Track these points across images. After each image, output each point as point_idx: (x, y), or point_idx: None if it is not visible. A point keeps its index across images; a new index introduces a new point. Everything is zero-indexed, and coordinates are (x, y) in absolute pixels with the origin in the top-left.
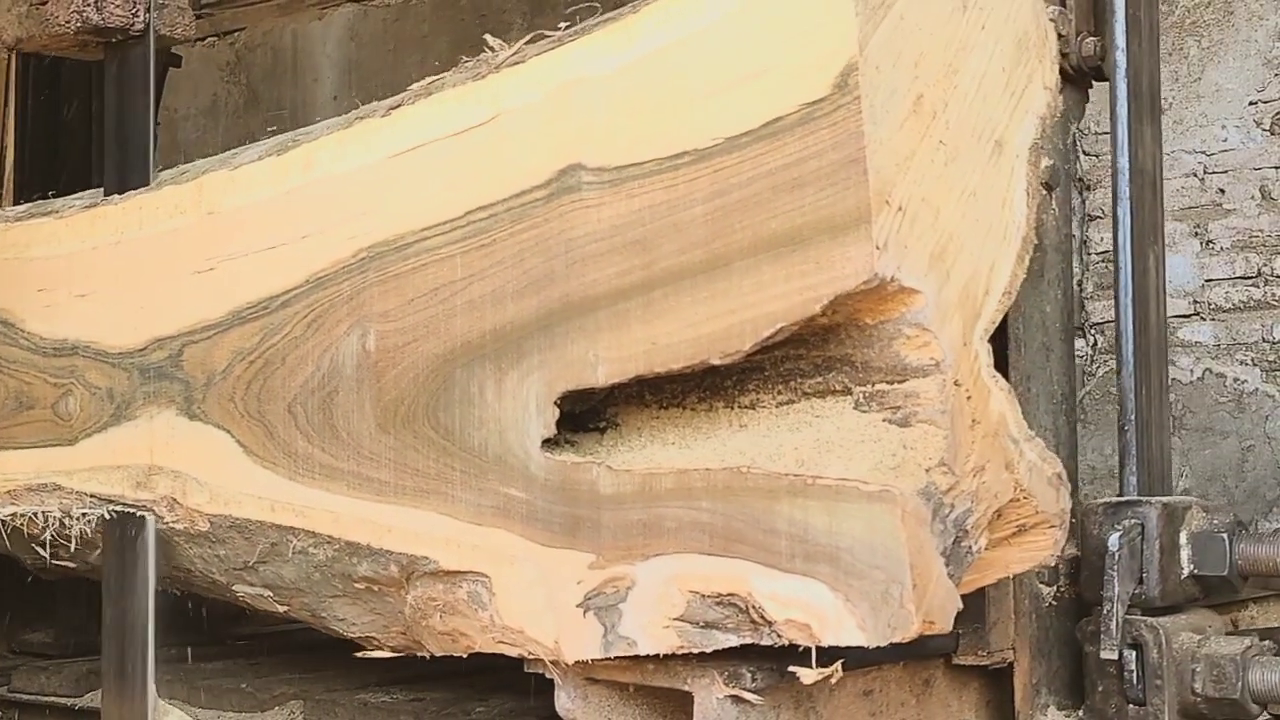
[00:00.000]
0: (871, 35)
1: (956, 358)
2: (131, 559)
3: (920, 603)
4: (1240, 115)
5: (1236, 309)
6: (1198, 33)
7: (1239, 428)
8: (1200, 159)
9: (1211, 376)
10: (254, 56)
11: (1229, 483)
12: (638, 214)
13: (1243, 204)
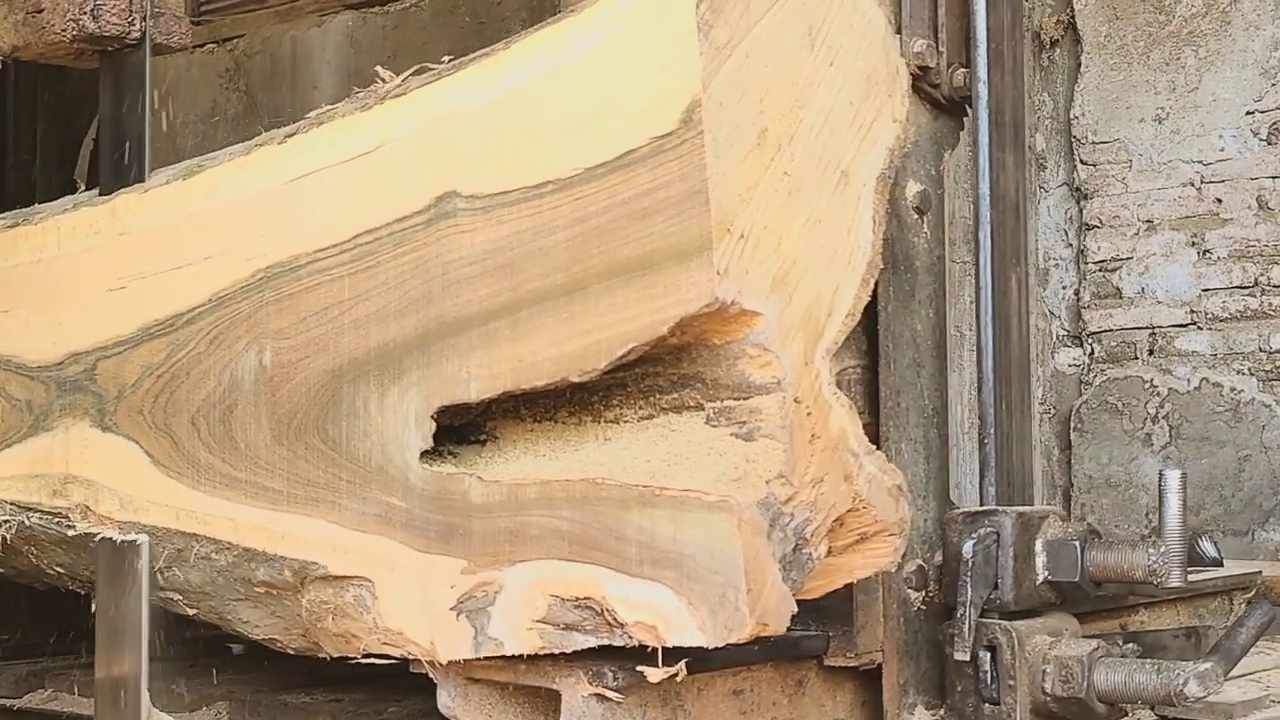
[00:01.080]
0: (716, 74)
1: (798, 376)
2: (125, 577)
3: (755, 606)
4: (1237, 125)
5: (1233, 318)
6: (1195, 42)
7: (1235, 437)
8: (1197, 168)
9: (1208, 386)
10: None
11: (1225, 492)
12: (506, 239)
13: (1240, 213)
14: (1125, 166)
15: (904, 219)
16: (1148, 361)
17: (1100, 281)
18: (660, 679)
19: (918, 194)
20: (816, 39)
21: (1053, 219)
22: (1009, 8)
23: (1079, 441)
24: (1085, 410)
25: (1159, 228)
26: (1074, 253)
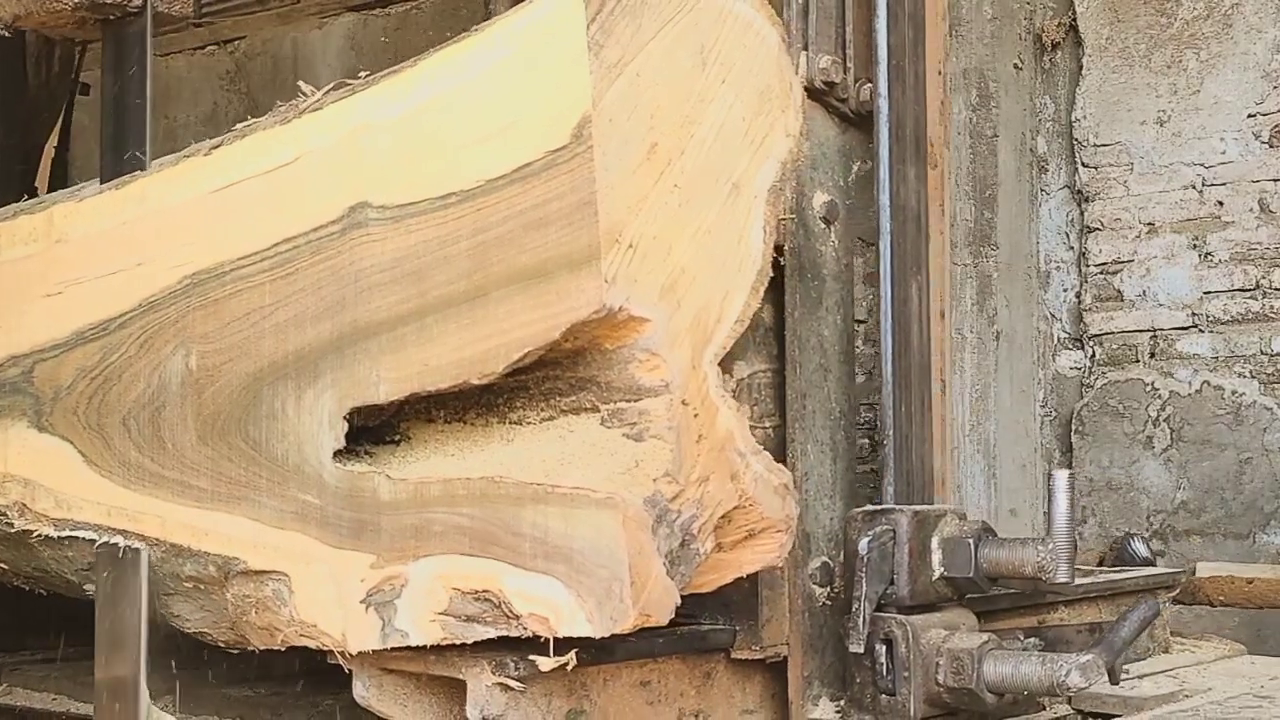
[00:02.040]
0: (606, 91)
1: (685, 379)
2: (124, 583)
3: (638, 598)
4: (1239, 128)
5: (1235, 321)
6: (1196, 45)
7: (1237, 440)
8: (1199, 171)
9: (1209, 389)
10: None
11: (1226, 495)
12: (414, 248)
13: (1241, 216)
14: (1126, 169)
15: (811, 228)
16: (1149, 364)
17: (1101, 284)
18: (551, 668)
19: (825, 204)
20: (709, 57)
21: (1054, 222)
22: (911, 26)
23: (1080, 444)
24: (1086, 413)
25: (1160, 230)
26: (1075, 255)
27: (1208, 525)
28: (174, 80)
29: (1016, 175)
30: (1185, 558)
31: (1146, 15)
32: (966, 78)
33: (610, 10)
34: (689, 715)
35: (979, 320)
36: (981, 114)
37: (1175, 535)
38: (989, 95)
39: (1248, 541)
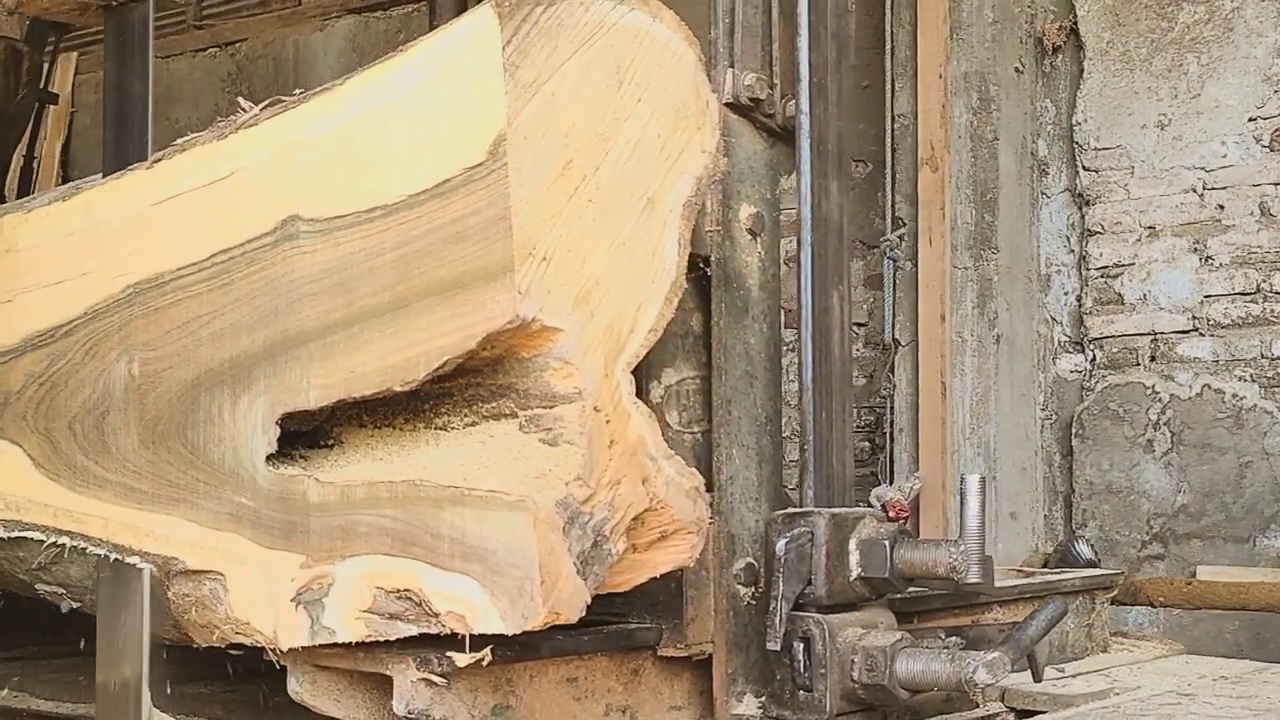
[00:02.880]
0: (521, 110)
1: (598, 387)
2: (126, 593)
3: (548, 596)
4: (1240, 131)
5: (1235, 325)
6: (1197, 49)
7: (1237, 444)
8: (1199, 175)
9: (1210, 392)
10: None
11: (1226, 499)
12: (342, 260)
13: (1242, 220)
14: (1127, 173)
15: (737, 240)
16: (1149, 368)
17: (1102, 287)
18: (467, 663)
19: (751, 216)
20: (625, 77)
21: (1055, 225)
22: (834, 45)
23: (1080, 447)
24: (1087, 416)
25: (1161, 234)
26: (1076, 259)
27: (1208, 529)
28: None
29: (1017, 178)
30: (1185, 561)
31: (1147, 19)
32: (967, 81)
33: (526, 33)
34: (616, 710)
35: (979, 323)
36: (982, 117)
37: (1175, 539)
38: (990, 98)
39: (1248, 545)
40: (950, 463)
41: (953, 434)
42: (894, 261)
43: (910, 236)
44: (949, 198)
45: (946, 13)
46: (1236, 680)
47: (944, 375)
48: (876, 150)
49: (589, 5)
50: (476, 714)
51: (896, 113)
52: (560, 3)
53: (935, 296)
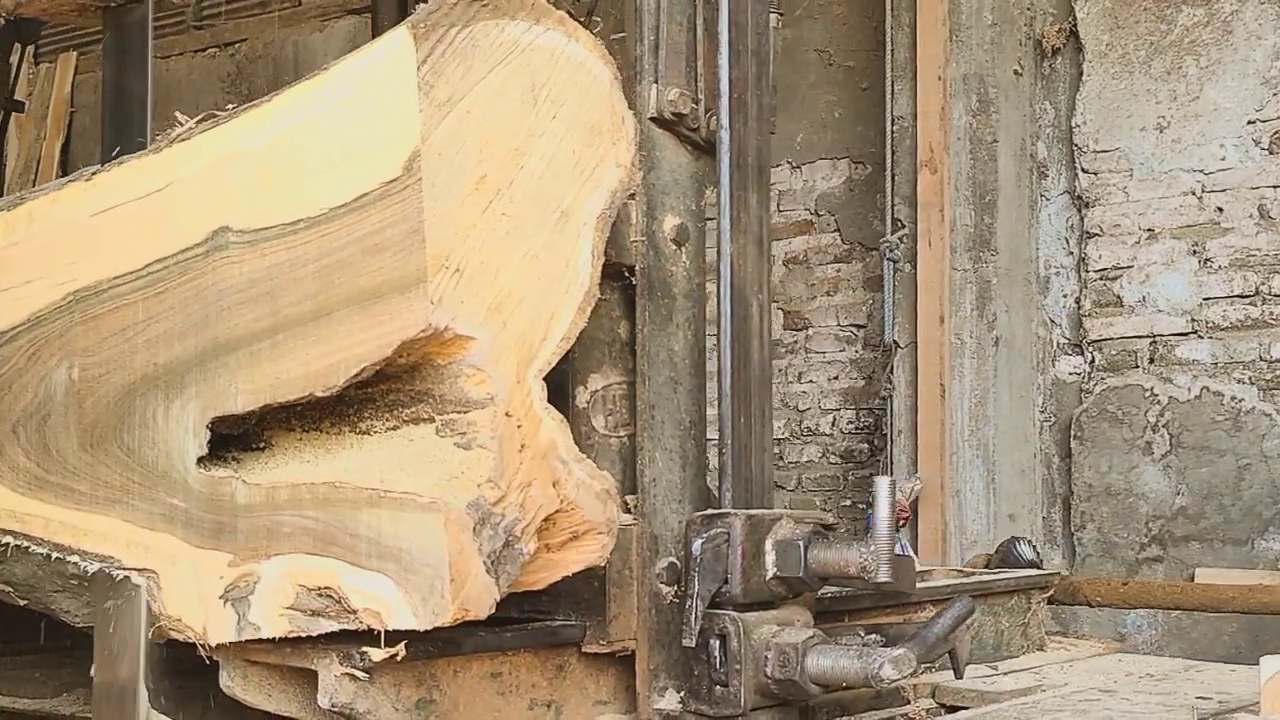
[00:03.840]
0: (436, 127)
1: (510, 393)
2: (123, 592)
3: (458, 594)
4: (1238, 134)
5: (1234, 327)
6: (1196, 52)
7: (1235, 446)
8: (1198, 177)
9: (1208, 394)
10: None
11: (1225, 501)
12: (268, 270)
13: (1241, 222)
14: (1126, 175)
15: (662, 250)
16: (1148, 370)
17: (1101, 290)
18: (382, 658)
19: (675, 227)
20: (540, 95)
21: (1054, 227)
22: (755, 62)
23: (1079, 449)
24: (1085, 418)
25: (1160, 236)
26: (1075, 261)
27: (1206, 531)
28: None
29: (1016, 181)
30: (1184, 563)
31: (1147, 21)
32: (967, 83)
33: (441, 54)
34: (541, 705)
35: (978, 325)
36: (981, 119)
37: (1174, 541)
38: (989, 101)
39: (1246, 547)
40: (949, 464)
41: (951, 436)
42: (893, 263)
43: (909, 238)
44: (948, 200)
45: (946, 15)
46: (1162, 678)
47: (943, 377)
48: (876, 152)
49: (504, 26)
50: (400, 707)
51: (895, 115)
52: (476, 24)
53: (934, 298)
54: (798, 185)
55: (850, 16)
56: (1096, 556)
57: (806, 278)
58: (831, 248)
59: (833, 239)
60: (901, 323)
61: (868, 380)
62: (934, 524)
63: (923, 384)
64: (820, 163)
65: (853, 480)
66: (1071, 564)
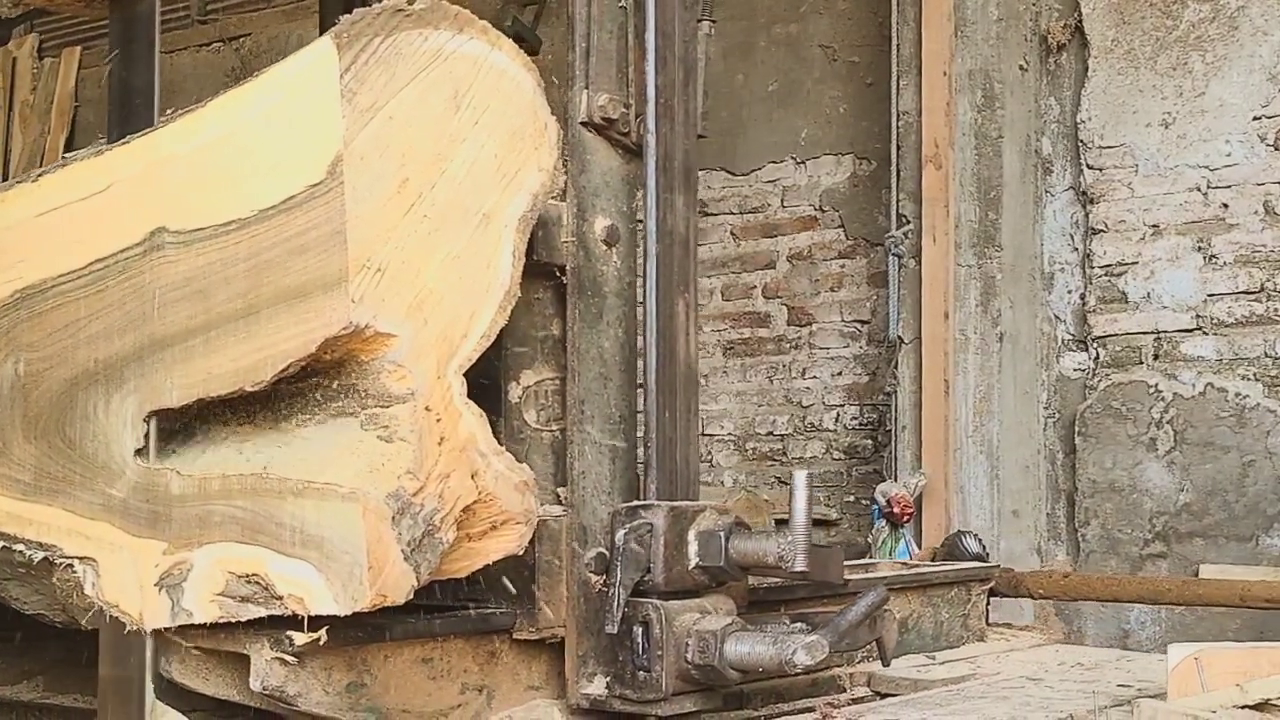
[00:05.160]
0: (359, 133)
1: (430, 388)
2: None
3: (375, 581)
4: (1244, 130)
5: (1239, 323)
6: (1202, 48)
7: (1240, 442)
8: (1203, 173)
9: (1213, 391)
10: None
11: (1229, 498)
12: (201, 269)
13: (1246, 219)
14: (1131, 171)
15: (592, 250)
16: (1153, 366)
17: (1106, 286)
18: (305, 642)
19: (605, 228)
20: (463, 101)
21: (1059, 223)
22: (682, 69)
23: (1083, 446)
24: (1089, 415)
25: (1165, 232)
26: (1079, 257)
27: (1210, 528)
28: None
29: (1021, 176)
30: (1188, 560)
31: (1152, 17)
32: (972, 79)
33: (364, 62)
34: (472, 689)
35: (983, 321)
36: (986, 115)
37: (1178, 538)
38: (994, 96)
39: (1250, 544)
40: (953, 460)
41: (955, 432)
42: (898, 259)
43: (914, 234)
44: (953, 195)
45: (951, 10)
46: (1092, 667)
47: (947, 373)
48: (880, 148)
49: (428, 35)
50: (331, 690)
51: (900, 110)
52: (399, 34)
53: (939, 294)
54: (802, 181)
55: (855, 12)
56: (1100, 553)
57: (810, 273)
58: (836, 243)
59: (837, 235)
60: (906, 318)
61: (871, 376)
62: (937, 520)
63: (927, 380)
64: (824, 158)
65: (857, 476)
66: (1075, 560)
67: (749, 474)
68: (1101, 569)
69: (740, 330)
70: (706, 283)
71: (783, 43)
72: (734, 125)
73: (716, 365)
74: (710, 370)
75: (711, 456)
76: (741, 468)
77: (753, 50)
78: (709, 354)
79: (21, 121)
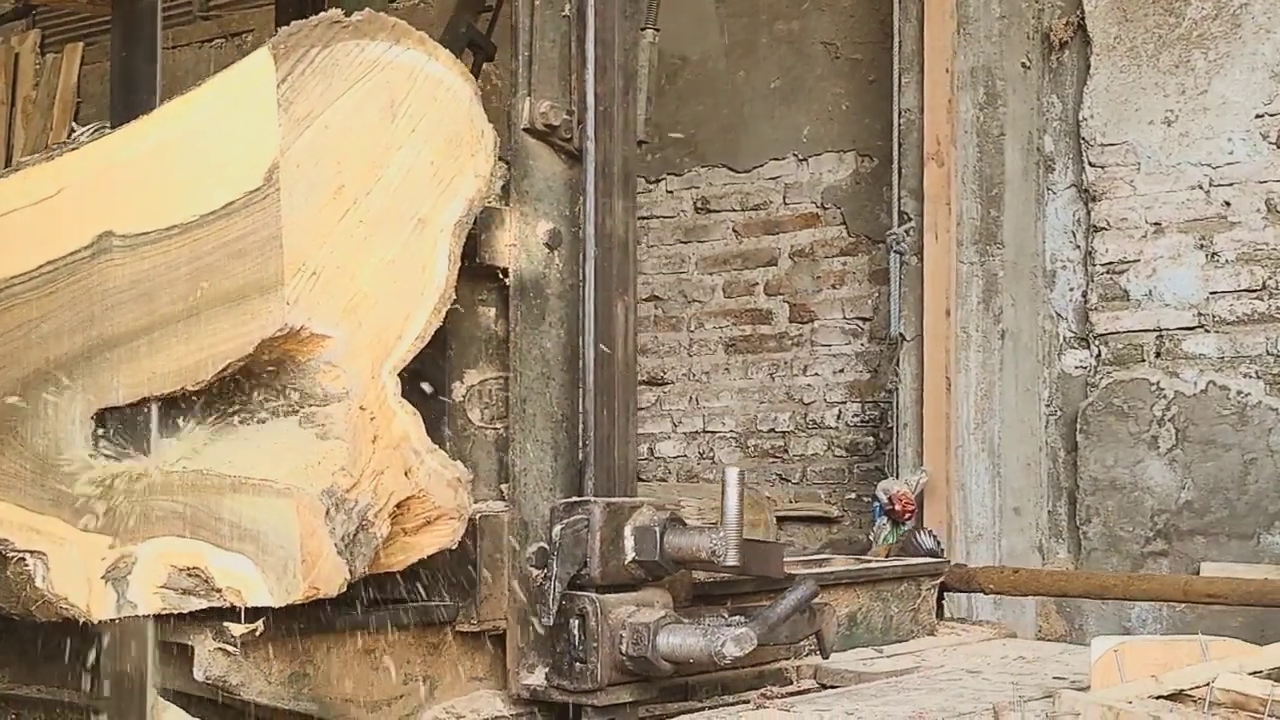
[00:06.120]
0: (295, 141)
1: (364, 388)
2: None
3: (308, 574)
4: (1246, 128)
5: (1240, 321)
6: (1205, 45)
7: (1241, 440)
8: (1206, 171)
9: (1215, 389)
10: None
11: (1231, 495)
12: (146, 272)
13: (1248, 217)
14: (1134, 169)
15: (534, 253)
16: (1154, 364)
17: (1107, 284)
18: (242, 633)
19: (548, 232)
20: (399, 110)
21: (1060, 221)
22: (621, 76)
23: (1085, 443)
24: (1091, 412)
25: (1167, 230)
26: (1081, 254)
27: (1212, 525)
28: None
29: (1023, 174)
30: (1189, 558)
31: (1155, 15)
32: (974, 76)
33: (301, 72)
34: (415, 680)
35: (984, 319)
36: (989, 112)
37: (1179, 535)
38: (996, 94)
39: (1252, 542)
40: (954, 458)
41: (957, 429)
42: (899, 256)
43: (916, 231)
44: (955, 193)
45: (954, 7)
46: (1033, 660)
47: (948, 370)
48: (882, 145)
49: (365, 46)
50: (273, 680)
51: (902, 107)
52: (336, 44)
53: (940, 291)
54: (804, 178)
55: (857, 9)
56: (1102, 550)
57: (812, 270)
58: (837, 241)
59: (839, 232)
60: (907, 316)
61: (873, 373)
62: (939, 517)
63: (928, 377)
64: (826, 155)
65: (858, 473)
66: (1077, 558)
67: (750, 471)
68: (1103, 567)
69: (742, 327)
70: (708, 280)
71: (785, 40)
72: (736, 122)
73: (718, 362)
74: (712, 367)
75: (713, 453)
76: (743, 465)
77: (755, 47)
78: (710, 351)
79: (24, 117)
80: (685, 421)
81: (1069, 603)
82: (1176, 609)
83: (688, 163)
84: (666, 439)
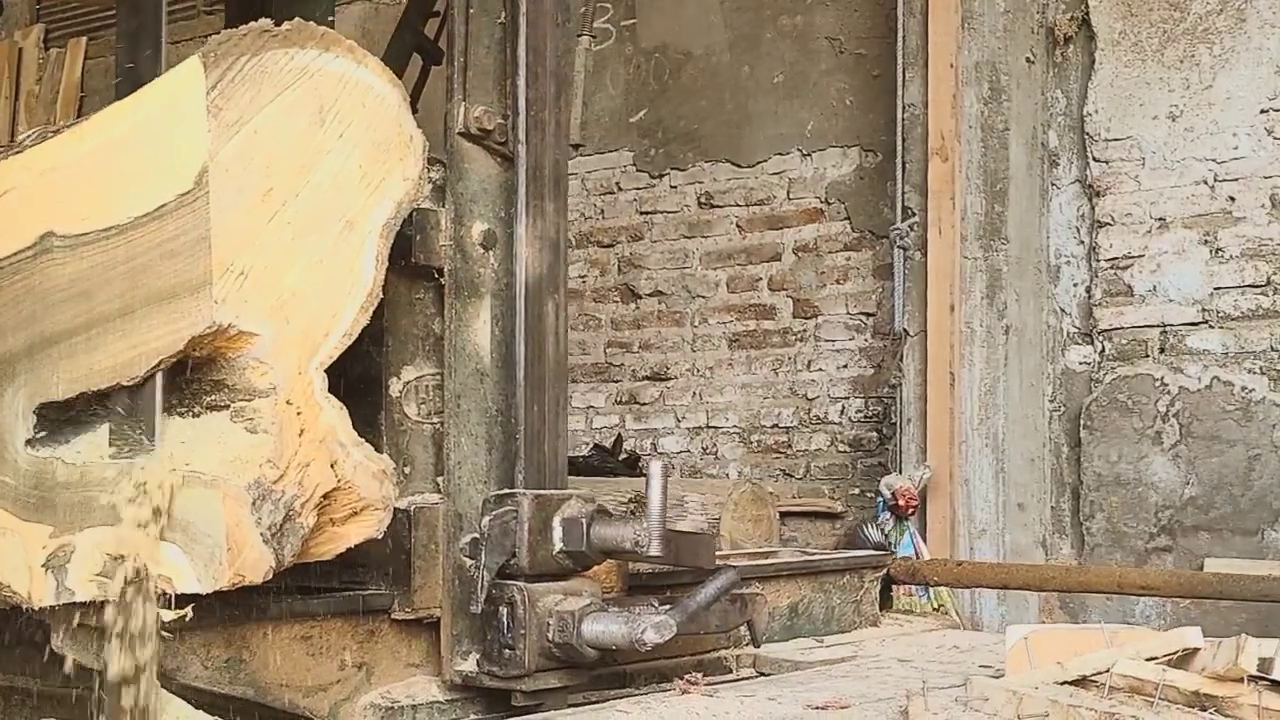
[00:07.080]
0: (224, 146)
1: (291, 383)
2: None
3: (234, 562)
4: (1251, 123)
5: (1245, 317)
6: (1209, 40)
7: (1246, 436)
8: (1210, 166)
9: (1219, 384)
10: None
11: (1235, 491)
12: (85, 271)
13: (1253, 212)
14: (1138, 164)
15: (469, 253)
16: (1158, 360)
17: (1112, 279)
18: (172, 619)
19: (483, 232)
20: (328, 116)
21: (1064, 216)
22: (554, 82)
23: (1088, 439)
24: (1095, 408)
25: (1171, 225)
26: (1085, 250)
27: (1216, 521)
28: None
29: (1027, 169)
30: (1193, 554)
31: (1160, 9)
32: (978, 71)
33: (231, 79)
34: (352, 666)
35: (988, 314)
36: (993, 107)
37: (1183, 531)
38: (1000, 89)
39: (1256, 538)
40: (958, 453)
41: (960, 425)
42: (903, 251)
43: (920, 226)
44: (959, 188)
45: (958, 2)
46: (967, 650)
47: (952, 366)
48: (886, 140)
49: (294, 54)
50: (210, 665)
51: (907, 102)
52: (265, 53)
53: (944, 287)
54: (808, 173)
55: (862, 4)
56: (1105, 546)
57: (816, 266)
58: (841, 236)
59: (843, 227)
60: (911, 311)
61: (877, 369)
62: (942, 513)
63: (932, 372)
64: (830, 150)
65: (861, 469)
66: (1080, 553)
67: (754, 466)
68: (1107, 563)
69: (745, 323)
70: (712, 275)
71: (789, 35)
72: (740, 117)
73: (722, 358)
74: (715, 363)
75: (717, 449)
76: (746, 460)
77: (759, 42)
78: (714, 346)
79: (28, 112)
80: (689, 417)
81: (1073, 597)
82: (1180, 604)
83: (691, 158)
84: (670, 434)
